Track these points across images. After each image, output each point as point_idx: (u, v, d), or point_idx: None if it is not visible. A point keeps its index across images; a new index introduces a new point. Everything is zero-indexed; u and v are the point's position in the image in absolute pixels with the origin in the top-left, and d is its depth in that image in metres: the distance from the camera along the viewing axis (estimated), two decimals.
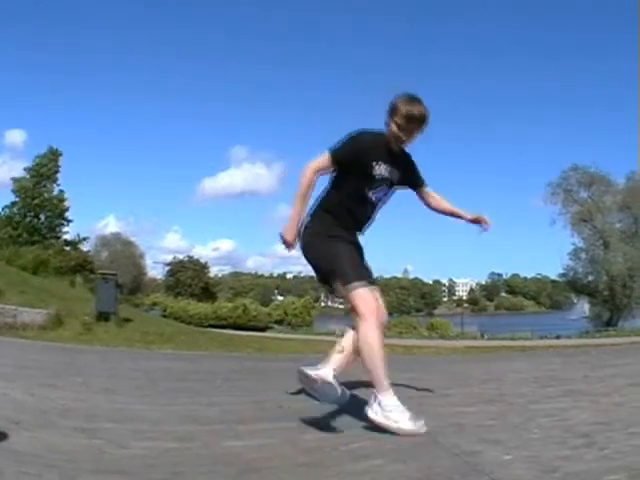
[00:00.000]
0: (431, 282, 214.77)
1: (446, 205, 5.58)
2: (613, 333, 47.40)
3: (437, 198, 5.56)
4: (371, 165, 5.04)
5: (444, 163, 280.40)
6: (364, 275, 5.03)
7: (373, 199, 5.16)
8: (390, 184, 5.22)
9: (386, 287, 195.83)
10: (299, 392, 5.85)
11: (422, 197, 5.55)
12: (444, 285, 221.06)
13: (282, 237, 5.10)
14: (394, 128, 5.02)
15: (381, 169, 5.08)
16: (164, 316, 54.54)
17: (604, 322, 59.88)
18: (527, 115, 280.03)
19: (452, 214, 5.61)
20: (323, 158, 5.09)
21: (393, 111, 5.03)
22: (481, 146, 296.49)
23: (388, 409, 4.67)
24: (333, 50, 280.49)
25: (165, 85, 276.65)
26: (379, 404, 4.70)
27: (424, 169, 5.46)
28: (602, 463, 3.78)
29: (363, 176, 5.05)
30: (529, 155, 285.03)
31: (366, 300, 4.87)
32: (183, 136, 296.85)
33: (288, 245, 5.14)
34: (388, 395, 4.72)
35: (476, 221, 5.49)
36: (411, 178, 5.43)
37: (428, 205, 5.55)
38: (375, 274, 5.59)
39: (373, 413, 4.70)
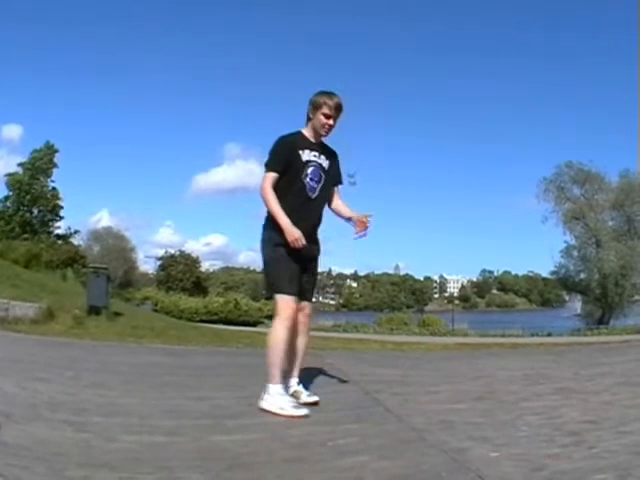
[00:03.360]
0: (422, 279, 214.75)
1: (344, 208, 5.90)
2: (605, 331, 47.40)
3: (339, 200, 5.93)
4: (298, 153, 5.56)
5: (439, 160, 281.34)
6: (296, 290, 5.54)
7: (310, 184, 5.58)
8: (322, 169, 5.66)
9: (377, 283, 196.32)
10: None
11: (331, 194, 5.88)
12: (435, 282, 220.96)
13: (293, 240, 5.40)
14: (323, 119, 5.57)
15: (307, 154, 5.61)
16: (155, 310, 54.18)
17: (596, 320, 59.90)
18: (522, 114, 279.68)
19: (345, 216, 5.88)
20: (267, 175, 5.56)
21: (320, 105, 5.58)
22: (475, 144, 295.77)
23: (271, 396, 5.27)
24: (329, 49, 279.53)
25: (160, 82, 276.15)
26: (267, 392, 5.28)
27: (423, 166, 5.56)
28: (590, 462, 3.81)
29: (295, 167, 5.54)
30: (522, 153, 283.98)
31: (288, 305, 5.46)
32: (177, 132, 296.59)
33: (300, 241, 5.42)
34: (274, 385, 5.30)
35: (358, 222, 5.69)
36: (334, 172, 5.86)
37: (330, 203, 5.89)
38: (366, 270, 5.76)
39: (263, 401, 5.32)
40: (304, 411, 5.12)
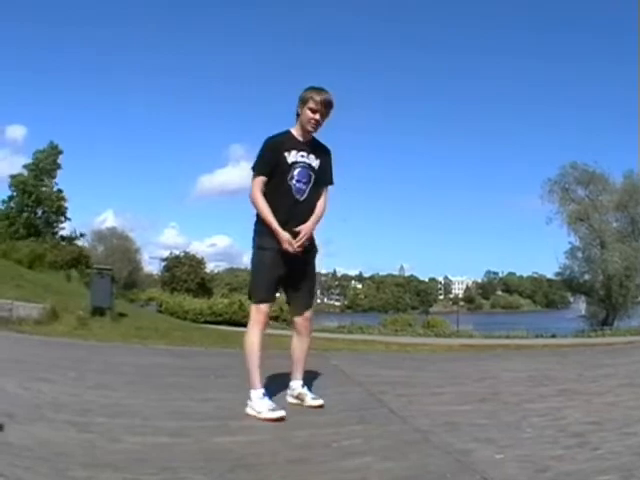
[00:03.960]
0: (427, 280, 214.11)
1: (312, 216, 5.66)
2: (609, 333, 47.30)
3: (319, 206, 5.72)
4: (284, 155, 5.48)
5: (443, 161, 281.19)
6: (270, 296, 5.60)
7: (296, 186, 5.52)
8: (311, 169, 5.56)
9: (382, 284, 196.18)
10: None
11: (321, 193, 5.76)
12: (440, 283, 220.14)
13: (286, 246, 5.40)
14: (309, 114, 5.45)
15: (294, 155, 5.52)
16: (160, 312, 54.22)
17: (600, 321, 59.76)
18: (526, 114, 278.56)
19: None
20: (255, 180, 5.54)
21: (307, 100, 5.47)
22: (479, 144, 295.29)
23: (252, 402, 5.29)
24: (332, 50, 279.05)
25: (164, 82, 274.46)
26: (249, 398, 5.31)
27: (427, 167, 5.51)
28: (595, 463, 3.81)
29: (281, 169, 5.48)
30: (526, 153, 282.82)
31: (259, 310, 5.53)
32: (182, 133, 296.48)
33: (292, 244, 5.41)
34: (255, 390, 5.33)
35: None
36: (324, 171, 5.71)
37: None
38: (371, 271, 5.75)
39: (247, 407, 5.32)
40: (280, 413, 5.06)
